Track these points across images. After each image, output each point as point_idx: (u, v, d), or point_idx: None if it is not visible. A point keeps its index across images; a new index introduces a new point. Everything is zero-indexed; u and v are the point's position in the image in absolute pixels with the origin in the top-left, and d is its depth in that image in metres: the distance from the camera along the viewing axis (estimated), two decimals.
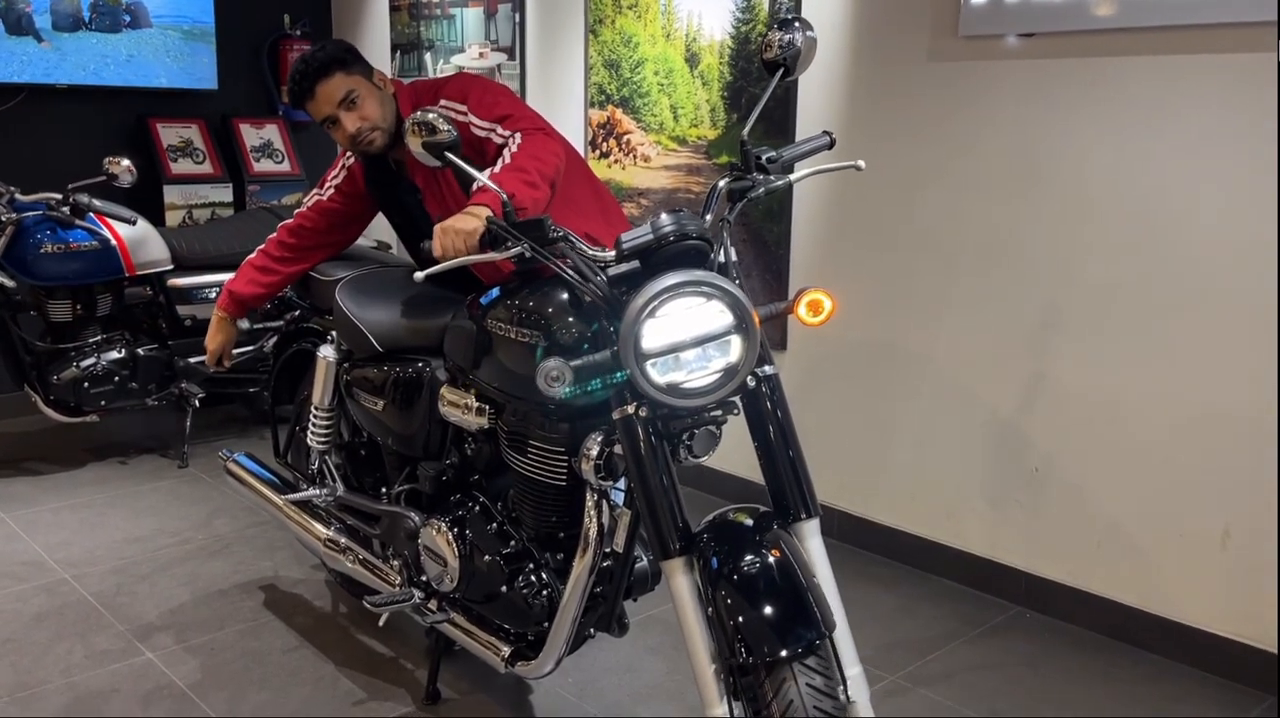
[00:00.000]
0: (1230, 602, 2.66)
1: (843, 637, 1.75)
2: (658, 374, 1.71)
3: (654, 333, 1.70)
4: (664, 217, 1.79)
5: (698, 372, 1.73)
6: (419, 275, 1.87)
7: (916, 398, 3.25)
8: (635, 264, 1.79)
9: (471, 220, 1.93)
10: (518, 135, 2.26)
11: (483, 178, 1.92)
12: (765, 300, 1.92)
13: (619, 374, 1.79)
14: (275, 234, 2.77)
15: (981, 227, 3.03)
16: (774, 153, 1.95)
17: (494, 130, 2.33)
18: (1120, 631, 2.85)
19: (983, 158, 2.99)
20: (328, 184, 2.69)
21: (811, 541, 1.81)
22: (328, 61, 2.40)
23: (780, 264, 3.53)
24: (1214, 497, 2.66)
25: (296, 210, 2.75)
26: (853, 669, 1.73)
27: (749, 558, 1.69)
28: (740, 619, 1.64)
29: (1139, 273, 2.73)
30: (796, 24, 1.92)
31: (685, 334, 1.71)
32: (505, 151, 2.23)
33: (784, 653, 1.61)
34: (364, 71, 2.45)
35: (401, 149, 2.44)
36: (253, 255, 2.80)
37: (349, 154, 2.62)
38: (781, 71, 1.92)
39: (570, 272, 1.84)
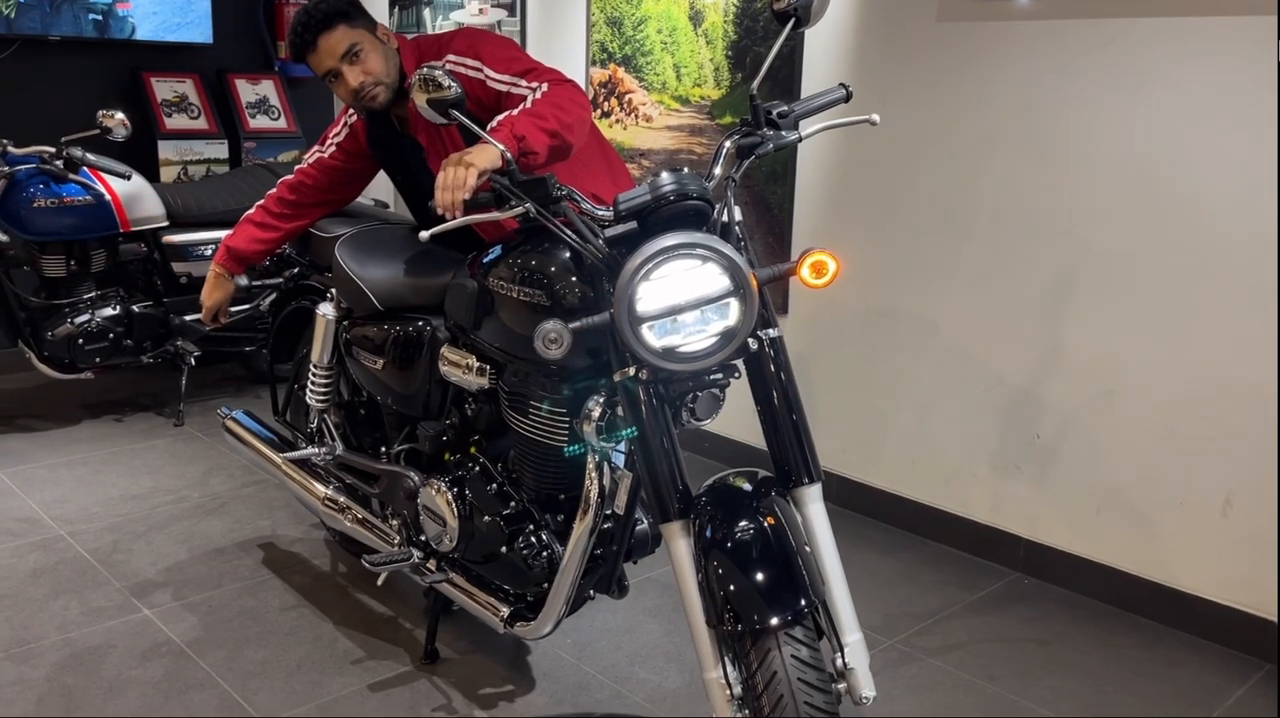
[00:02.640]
0: (1230, 570, 2.66)
1: (842, 603, 1.74)
2: (654, 337, 1.68)
3: (649, 296, 1.67)
4: (664, 176, 1.75)
5: (695, 335, 1.71)
6: (424, 235, 1.83)
7: (919, 363, 3.23)
8: (632, 225, 1.76)
9: (471, 171, 1.87)
10: (544, 85, 2.20)
11: (487, 135, 1.88)
12: (767, 263, 1.89)
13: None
14: (275, 190, 2.73)
15: (989, 190, 2.99)
16: (785, 107, 1.91)
17: (516, 84, 2.26)
18: (1119, 598, 2.86)
19: (992, 120, 2.95)
20: (329, 141, 2.65)
21: (813, 506, 1.79)
22: (331, 13, 2.34)
23: (783, 227, 3.49)
24: (1216, 465, 2.65)
25: (297, 167, 2.71)
26: (852, 636, 1.72)
27: (743, 524, 1.68)
28: (730, 587, 1.63)
29: (1145, 239, 2.70)
30: None
31: (681, 297, 1.67)
32: (529, 98, 2.16)
33: (771, 622, 1.60)
34: (367, 25, 2.40)
35: (404, 105, 2.40)
36: (251, 211, 2.76)
37: (351, 112, 2.57)
38: (793, 22, 1.87)
39: (569, 232, 1.80)
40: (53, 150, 3.78)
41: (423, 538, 2.42)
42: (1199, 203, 2.60)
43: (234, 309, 2.97)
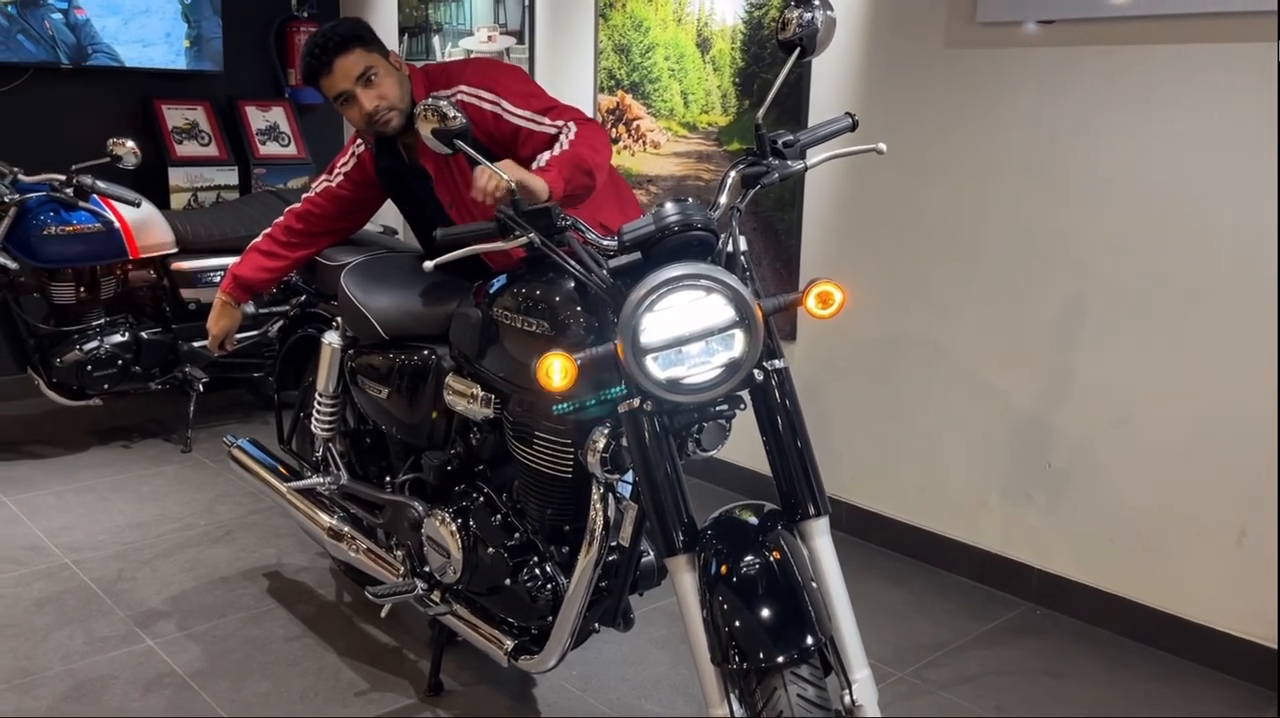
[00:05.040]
0: (1245, 601, 2.62)
1: (850, 639, 1.71)
2: (658, 369, 1.67)
3: (653, 327, 1.65)
4: (668, 206, 1.74)
5: (700, 366, 1.69)
6: (428, 265, 1.83)
7: (928, 390, 3.21)
8: (637, 255, 1.75)
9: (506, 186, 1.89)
10: (572, 125, 2.22)
11: (489, 164, 1.88)
12: (775, 291, 1.87)
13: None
14: (282, 219, 2.72)
15: (998, 218, 2.98)
16: (790, 136, 1.90)
17: (539, 121, 2.28)
18: (1133, 629, 2.82)
19: (1000, 147, 2.94)
20: (336, 171, 2.64)
21: (820, 539, 1.76)
22: (348, 36, 2.34)
23: (790, 253, 3.48)
24: (1231, 495, 2.62)
25: (304, 196, 2.71)
26: (860, 672, 1.69)
27: (748, 560, 1.65)
28: (735, 624, 1.60)
29: (1158, 266, 2.68)
30: (816, 2, 1.86)
31: (686, 328, 1.66)
32: (562, 138, 2.19)
33: (777, 660, 1.57)
34: (381, 50, 2.40)
35: (413, 134, 2.40)
36: (258, 240, 2.76)
37: (359, 142, 2.57)
38: (798, 52, 1.87)
39: (572, 262, 1.79)
40: (63, 178, 3.80)
41: (427, 569, 2.40)
42: (1210, 229, 2.58)
43: (241, 336, 2.97)
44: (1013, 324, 2.98)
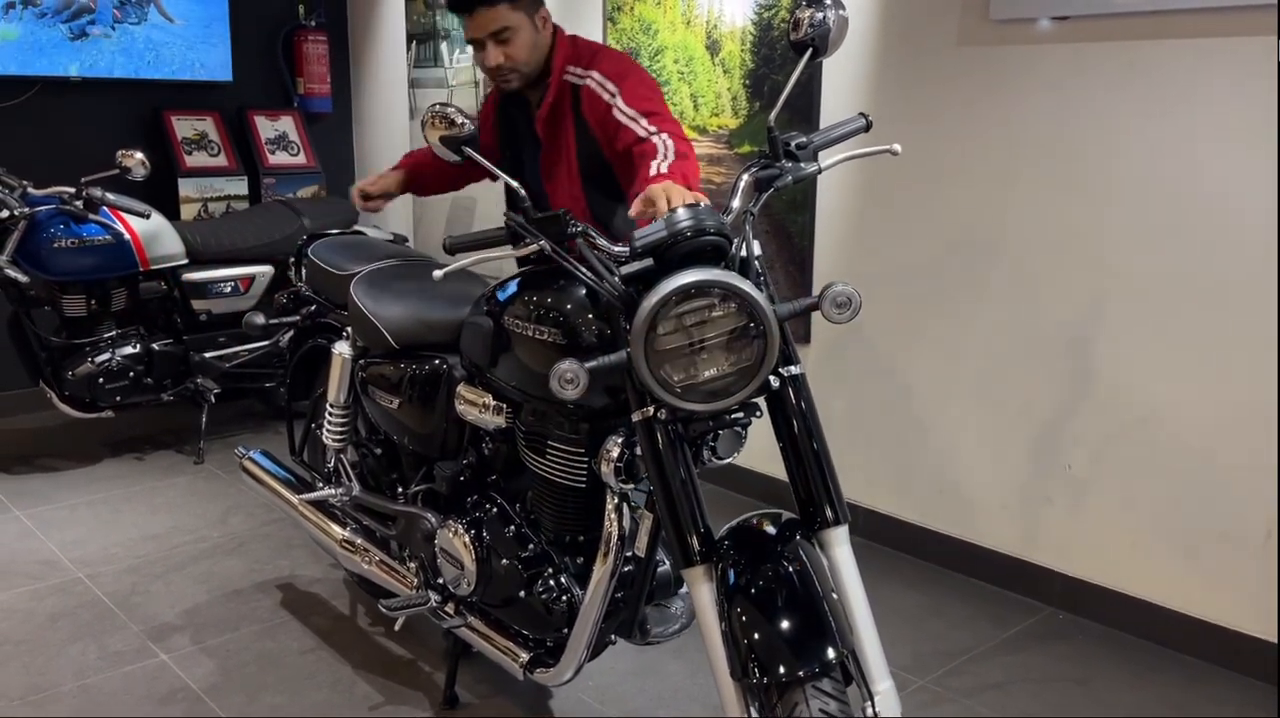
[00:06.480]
0: (1272, 604, 2.58)
1: (872, 650, 1.67)
2: (673, 377, 1.64)
3: (666, 334, 1.62)
4: (680, 211, 1.71)
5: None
6: (437, 274, 1.81)
7: (945, 392, 3.17)
8: (649, 262, 1.72)
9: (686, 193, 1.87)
10: (670, 142, 2.22)
11: (504, 175, 1.86)
12: (788, 294, 1.84)
13: None
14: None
15: (1014, 217, 2.94)
16: (804, 138, 1.87)
17: (637, 121, 2.30)
18: (1156, 632, 2.77)
19: (1015, 146, 2.90)
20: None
21: (839, 549, 1.73)
22: None
23: (803, 256, 3.45)
24: (1257, 496, 2.57)
25: None
26: (882, 684, 1.66)
27: (767, 571, 1.62)
28: (755, 637, 1.57)
29: (1179, 265, 2.63)
30: (828, 1, 1.83)
31: (700, 335, 1.63)
32: (664, 152, 2.19)
33: (799, 674, 1.54)
34: (530, 9, 2.42)
35: (538, 92, 2.48)
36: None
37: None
38: (810, 52, 1.84)
39: (584, 269, 1.77)
40: (72, 191, 3.80)
41: (440, 581, 2.38)
42: (1231, 225, 2.54)
43: (251, 346, 2.95)
44: (1030, 324, 2.94)
